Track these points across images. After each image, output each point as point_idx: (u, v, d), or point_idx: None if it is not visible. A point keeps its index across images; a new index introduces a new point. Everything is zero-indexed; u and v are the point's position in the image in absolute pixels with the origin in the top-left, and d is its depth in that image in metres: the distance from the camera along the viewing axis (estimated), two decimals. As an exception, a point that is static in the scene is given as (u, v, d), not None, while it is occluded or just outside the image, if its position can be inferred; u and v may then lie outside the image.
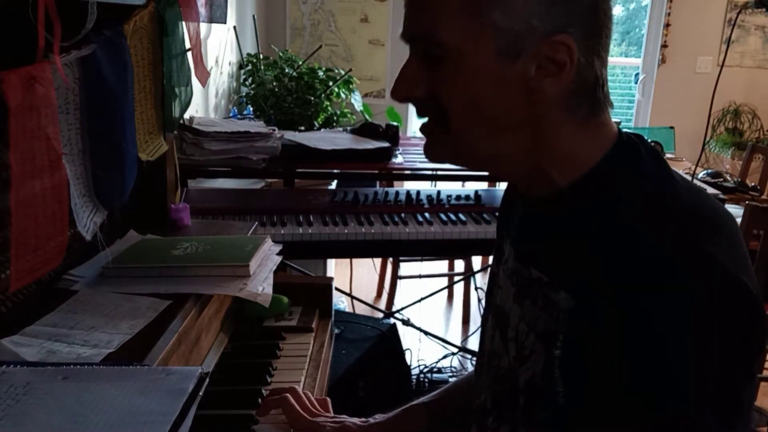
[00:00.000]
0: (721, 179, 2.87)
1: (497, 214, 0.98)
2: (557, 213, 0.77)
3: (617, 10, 7.66)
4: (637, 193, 0.73)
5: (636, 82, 4.96)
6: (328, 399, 1.07)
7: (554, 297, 0.74)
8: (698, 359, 0.64)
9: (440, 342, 2.94)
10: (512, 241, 0.87)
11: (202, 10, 2.64)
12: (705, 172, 2.99)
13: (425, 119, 0.79)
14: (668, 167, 0.76)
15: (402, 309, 2.95)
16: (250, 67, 3.58)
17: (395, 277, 3.36)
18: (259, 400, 1.03)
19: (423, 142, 0.81)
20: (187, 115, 1.92)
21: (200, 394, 0.79)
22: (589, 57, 0.72)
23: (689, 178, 2.47)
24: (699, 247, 0.67)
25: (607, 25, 0.73)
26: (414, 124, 4.45)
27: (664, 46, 4.67)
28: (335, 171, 2.53)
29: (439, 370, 2.82)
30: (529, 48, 0.70)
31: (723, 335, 0.65)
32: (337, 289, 2.36)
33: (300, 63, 3.62)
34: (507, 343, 0.83)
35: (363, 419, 1.02)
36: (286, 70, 3.53)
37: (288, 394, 1.00)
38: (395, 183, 3.03)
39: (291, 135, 2.33)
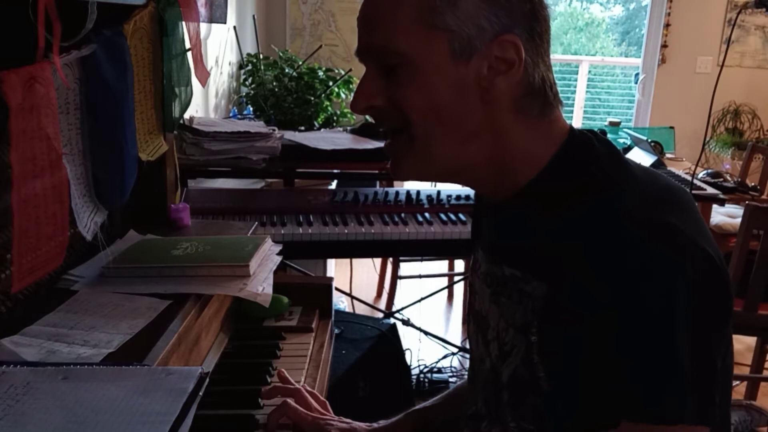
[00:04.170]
0: (721, 179, 2.86)
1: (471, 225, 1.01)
2: (522, 210, 0.80)
3: (617, 10, 7.66)
4: (593, 179, 0.76)
5: (636, 82, 4.96)
6: (327, 402, 1.07)
7: (527, 288, 0.77)
8: (670, 326, 0.66)
9: (440, 342, 2.95)
10: (483, 246, 0.90)
11: (202, 10, 2.64)
12: (705, 172, 2.99)
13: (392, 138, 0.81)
14: (621, 155, 0.80)
15: (402, 309, 2.95)
16: (250, 67, 3.58)
17: (395, 277, 3.36)
18: (259, 400, 1.03)
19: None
20: (187, 115, 1.92)
21: (200, 394, 0.79)
22: (535, 58, 0.76)
23: (689, 178, 2.47)
24: (660, 218, 0.70)
25: (547, 30, 0.78)
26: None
27: (664, 46, 4.67)
28: (335, 171, 2.53)
29: (439, 370, 2.82)
30: (480, 48, 0.74)
31: (692, 301, 0.67)
32: (337, 289, 2.37)
33: (300, 63, 3.61)
34: (488, 345, 0.85)
35: (367, 424, 1.03)
36: (286, 70, 3.53)
37: (287, 400, 1.00)
38: (395, 183, 3.03)
39: (291, 135, 2.33)
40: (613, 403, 0.68)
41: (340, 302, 3.21)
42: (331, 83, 3.50)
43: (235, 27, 3.55)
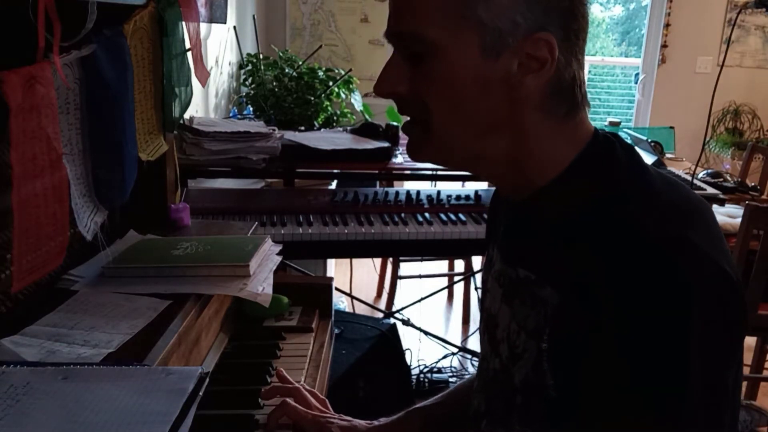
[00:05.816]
0: (721, 179, 2.86)
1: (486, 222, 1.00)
2: (539, 212, 0.79)
3: (617, 10, 7.66)
4: (613, 187, 0.74)
5: (636, 82, 4.96)
6: (326, 400, 1.07)
7: (540, 294, 0.75)
8: (682, 345, 0.65)
9: (440, 342, 2.94)
10: (498, 245, 0.88)
11: (202, 10, 2.64)
12: (705, 172, 2.98)
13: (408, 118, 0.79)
14: (643, 162, 0.78)
15: (402, 309, 2.95)
16: (250, 67, 3.58)
17: (395, 277, 3.36)
18: (259, 400, 1.03)
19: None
20: (187, 115, 1.92)
21: (200, 394, 0.79)
22: (568, 57, 0.73)
23: (689, 178, 2.47)
24: (677, 233, 0.68)
25: (584, 28, 0.75)
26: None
27: (664, 46, 4.67)
28: (335, 171, 2.53)
29: (439, 370, 2.82)
30: (511, 45, 0.71)
31: (705, 320, 0.66)
32: (337, 289, 2.37)
33: (300, 63, 3.61)
34: (497, 345, 0.84)
35: (368, 421, 1.03)
36: (286, 70, 3.53)
37: (287, 399, 1.00)
38: (395, 183, 3.03)
39: (291, 135, 2.33)
40: (619, 418, 0.67)
41: (340, 302, 3.21)
42: (331, 83, 3.49)
43: (235, 27, 3.55)
